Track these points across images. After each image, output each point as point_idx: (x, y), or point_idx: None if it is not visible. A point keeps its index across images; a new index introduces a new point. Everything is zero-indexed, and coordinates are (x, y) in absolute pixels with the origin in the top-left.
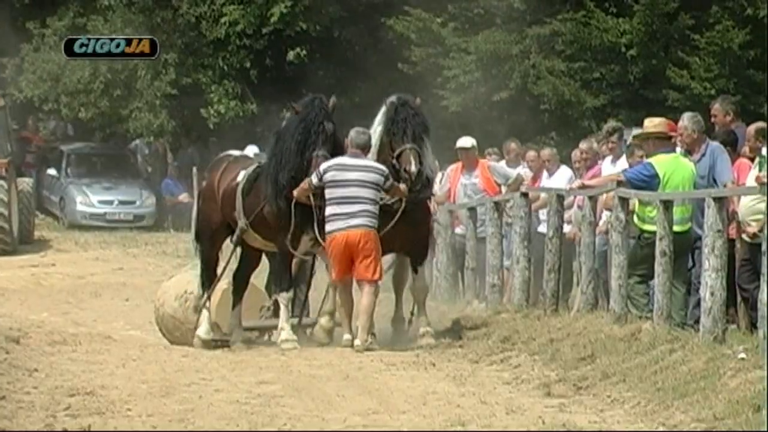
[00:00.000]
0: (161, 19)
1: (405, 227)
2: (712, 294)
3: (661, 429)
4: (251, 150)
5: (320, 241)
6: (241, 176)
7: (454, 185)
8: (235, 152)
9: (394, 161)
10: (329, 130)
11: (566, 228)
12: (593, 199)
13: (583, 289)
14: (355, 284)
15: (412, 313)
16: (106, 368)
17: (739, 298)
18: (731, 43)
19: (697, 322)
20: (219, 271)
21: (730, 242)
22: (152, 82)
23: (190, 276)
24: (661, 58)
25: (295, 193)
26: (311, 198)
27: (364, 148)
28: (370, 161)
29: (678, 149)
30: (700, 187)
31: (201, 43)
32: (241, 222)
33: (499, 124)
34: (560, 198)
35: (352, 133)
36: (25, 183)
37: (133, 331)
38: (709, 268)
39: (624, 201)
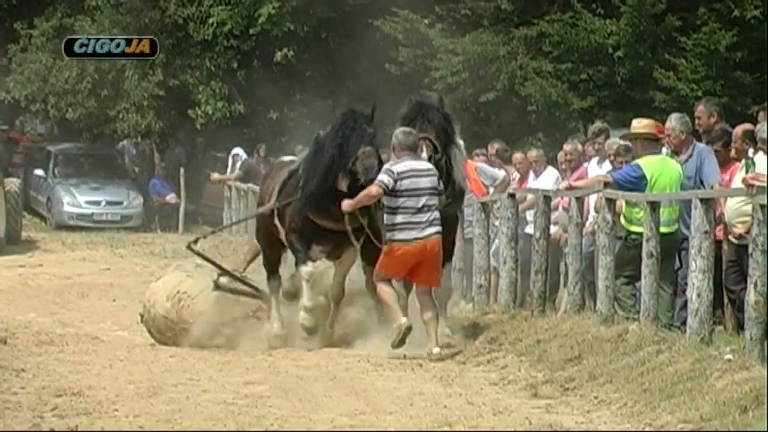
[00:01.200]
0: (149, 19)
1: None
2: (698, 295)
3: (647, 430)
4: (237, 151)
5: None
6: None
7: None
8: (287, 158)
9: None
10: (370, 134)
11: (553, 229)
12: (580, 200)
13: (570, 291)
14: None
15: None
16: (93, 369)
17: (725, 300)
18: (718, 45)
19: (684, 323)
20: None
21: (717, 244)
22: (139, 82)
23: (179, 276)
24: (648, 59)
25: (358, 198)
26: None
27: (415, 149)
28: (427, 163)
29: (664, 150)
30: (687, 188)
31: (188, 44)
32: (270, 203)
33: (486, 125)
34: (547, 199)
35: (400, 135)
36: (13, 183)
37: (121, 332)
38: (696, 269)
39: (611, 202)
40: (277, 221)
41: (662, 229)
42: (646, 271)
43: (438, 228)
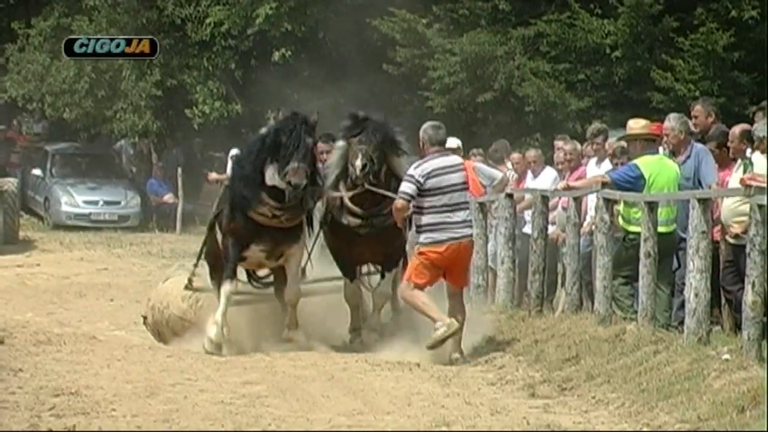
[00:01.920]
0: (146, 19)
1: (376, 247)
2: (696, 295)
3: (645, 430)
4: (236, 152)
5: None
6: None
7: None
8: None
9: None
10: (309, 143)
11: (551, 229)
12: (578, 201)
13: (567, 291)
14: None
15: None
16: (91, 368)
17: (723, 300)
18: (715, 45)
19: (682, 323)
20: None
21: (715, 244)
22: (137, 82)
23: (188, 276)
24: (646, 59)
25: (395, 213)
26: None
27: (444, 144)
28: (453, 156)
29: (662, 150)
30: (685, 188)
31: (186, 44)
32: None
33: (484, 125)
34: (545, 199)
35: (429, 130)
36: (10, 183)
37: (118, 332)
38: (694, 269)
39: (609, 202)
40: (217, 229)
41: (660, 229)
42: (643, 271)
43: (471, 229)
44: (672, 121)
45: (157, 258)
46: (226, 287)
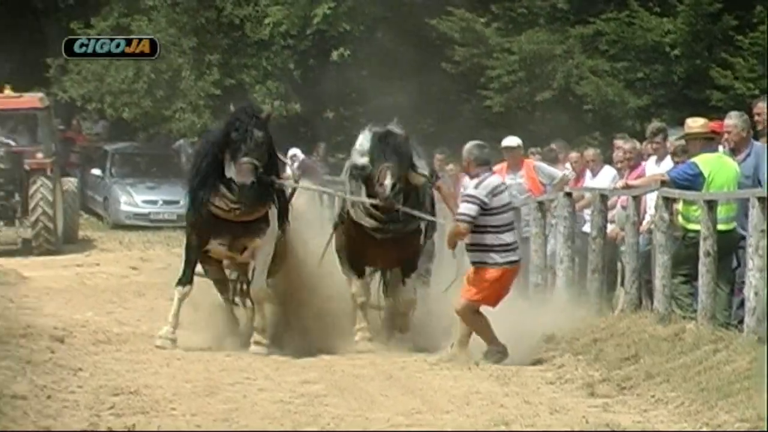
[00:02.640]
0: (205, 19)
1: (391, 252)
2: (756, 294)
3: (704, 429)
4: (295, 152)
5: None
6: None
7: None
8: None
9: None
10: (259, 138)
11: (609, 227)
12: (637, 199)
13: (626, 289)
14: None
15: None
16: (151, 367)
17: None
18: None
19: (741, 322)
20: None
21: None
22: (196, 82)
23: None
24: (705, 57)
25: (450, 236)
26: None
27: (490, 163)
28: (499, 177)
29: (721, 148)
30: (744, 187)
31: (245, 44)
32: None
33: (542, 124)
34: (604, 198)
35: (475, 150)
36: (70, 183)
37: (178, 331)
38: (753, 267)
39: (668, 201)
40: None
41: (720, 227)
42: (703, 270)
43: (520, 254)
44: (733, 119)
45: None
46: (183, 289)
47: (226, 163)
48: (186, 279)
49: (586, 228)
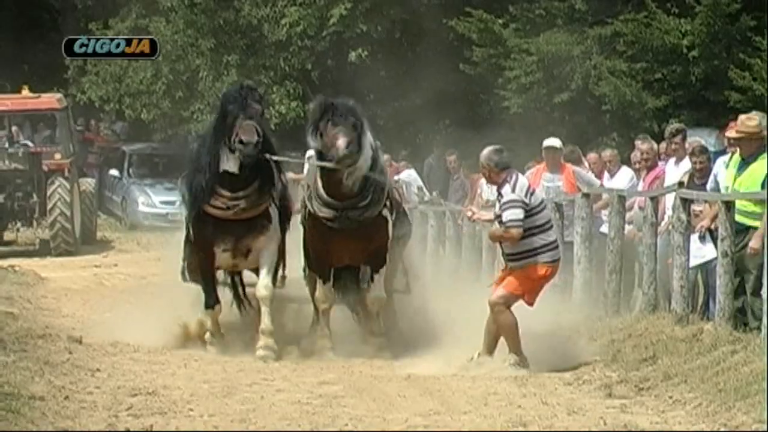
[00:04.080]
0: (223, 20)
1: (356, 243)
2: None
3: (722, 430)
4: (311, 153)
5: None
6: None
7: (534, 187)
8: None
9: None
10: (255, 106)
11: (628, 228)
12: (655, 200)
13: (644, 290)
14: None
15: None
16: (168, 368)
17: None
18: None
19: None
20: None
21: None
22: (214, 83)
23: None
24: (723, 59)
25: (495, 238)
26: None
27: (510, 167)
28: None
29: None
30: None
31: (262, 45)
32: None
33: (561, 125)
34: (622, 199)
35: (494, 156)
36: (88, 183)
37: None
38: None
39: (686, 202)
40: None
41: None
42: (720, 271)
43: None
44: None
45: None
46: (211, 312)
47: (222, 154)
48: (212, 301)
49: (604, 228)
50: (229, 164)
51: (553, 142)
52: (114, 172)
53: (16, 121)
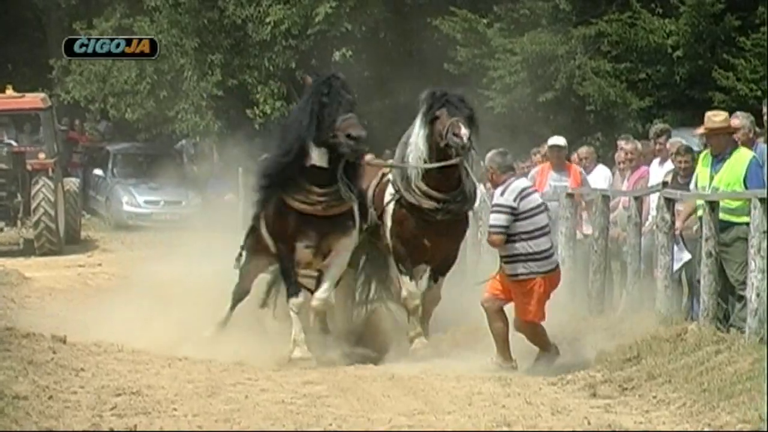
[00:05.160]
0: (207, 20)
1: (443, 240)
2: (758, 295)
3: (706, 430)
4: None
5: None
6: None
7: (541, 186)
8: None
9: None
10: (350, 101)
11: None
12: (639, 200)
13: (628, 290)
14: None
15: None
16: (152, 368)
17: None
18: None
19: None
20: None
21: None
22: (198, 83)
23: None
24: (707, 59)
25: (491, 240)
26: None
27: (514, 169)
28: (526, 180)
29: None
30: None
31: (247, 44)
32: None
33: (545, 125)
34: (606, 198)
35: (497, 158)
36: (72, 183)
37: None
38: (756, 269)
39: (669, 202)
40: (264, 230)
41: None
42: (705, 271)
43: (557, 258)
44: (741, 119)
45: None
46: (296, 301)
47: (311, 149)
48: (294, 290)
49: (587, 230)
50: (319, 158)
51: (558, 140)
52: (98, 171)
53: (0, 120)
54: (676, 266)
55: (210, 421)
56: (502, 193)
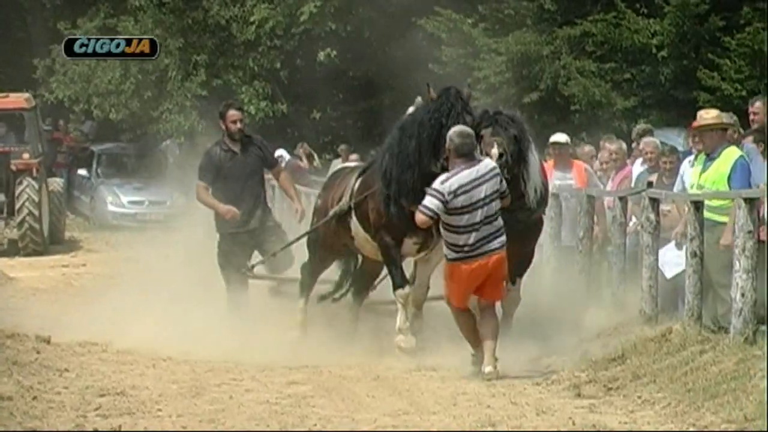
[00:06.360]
0: (192, 20)
1: (515, 246)
2: (742, 295)
3: (691, 430)
4: (281, 153)
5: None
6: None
7: None
8: (351, 164)
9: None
10: (469, 122)
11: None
12: (623, 200)
13: (613, 290)
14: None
15: None
16: (137, 368)
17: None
18: (762, 45)
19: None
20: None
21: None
22: (182, 83)
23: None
24: (692, 59)
25: (417, 218)
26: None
27: (472, 156)
28: (484, 162)
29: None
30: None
31: (231, 44)
32: (345, 200)
33: (530, 125)
34: (591, 199)
35: (456, 138)
36: (56, 183)
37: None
38: (740, 269)
39: (654, 202)
40: (354, 220)
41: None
42: (689, 271)
43: (502, 239)
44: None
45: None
46: (401, 292)
47: (432, 165)
48: (401, 281)
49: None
50: (435, 168)
51: (559, 137)
52: (82, 171)
53: None
54: (676, 270)
55: (194, 422)
56: (444, 181)
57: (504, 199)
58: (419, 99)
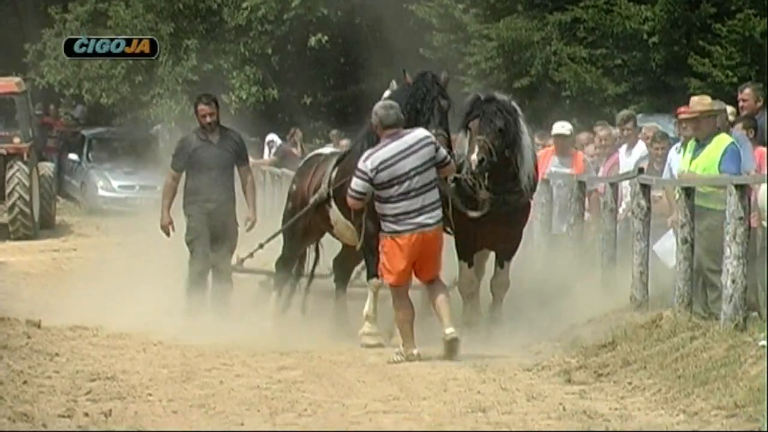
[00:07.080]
0: (183, 4)
1: (502, 228)
2: (733, 281)
3: (681, 416)
4: (272, 138)
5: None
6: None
7: (542, 170)
8: (326, 150)
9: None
10: (444, 106)
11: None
12: (614, 186)
13: (603, 277)
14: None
15: None
16: (127, 353)
17: (759, 286)
18: (753, 32)
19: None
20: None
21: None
22: (173, 68)
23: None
24: (683, 45)
25: (349, 203)
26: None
27: (399, 125)
28: (414, 133)
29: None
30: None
31: (222, 29)
32: (323, 188)
33: (521, 110)
34: (581, 185)
35: (380, 111)
36: (47, 168)
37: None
38: (731, 255)
39: (645, 188)
40: (334, 208)
41: None
42: (680, 257)
43: (438, 213)
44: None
45: None
46: (377, 281)
47: None
48: (374, 271)
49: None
50: None
51: (562, 129)
52: (73, 156)
53: None
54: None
55: (185, 406)
56: (366, 159)
57: (445, 167)
58: (393, 83)
